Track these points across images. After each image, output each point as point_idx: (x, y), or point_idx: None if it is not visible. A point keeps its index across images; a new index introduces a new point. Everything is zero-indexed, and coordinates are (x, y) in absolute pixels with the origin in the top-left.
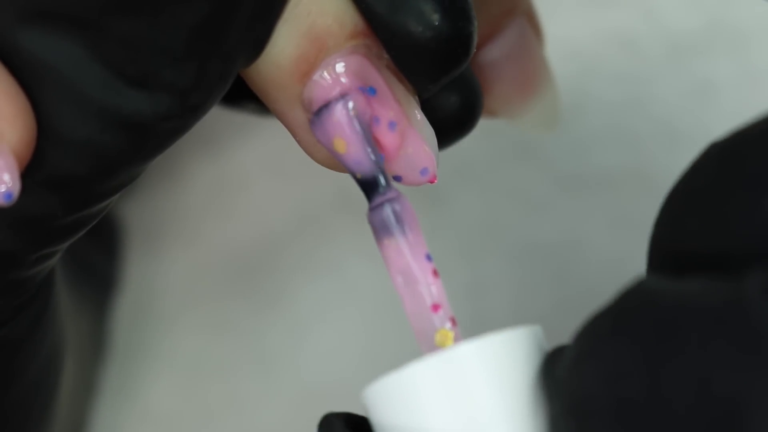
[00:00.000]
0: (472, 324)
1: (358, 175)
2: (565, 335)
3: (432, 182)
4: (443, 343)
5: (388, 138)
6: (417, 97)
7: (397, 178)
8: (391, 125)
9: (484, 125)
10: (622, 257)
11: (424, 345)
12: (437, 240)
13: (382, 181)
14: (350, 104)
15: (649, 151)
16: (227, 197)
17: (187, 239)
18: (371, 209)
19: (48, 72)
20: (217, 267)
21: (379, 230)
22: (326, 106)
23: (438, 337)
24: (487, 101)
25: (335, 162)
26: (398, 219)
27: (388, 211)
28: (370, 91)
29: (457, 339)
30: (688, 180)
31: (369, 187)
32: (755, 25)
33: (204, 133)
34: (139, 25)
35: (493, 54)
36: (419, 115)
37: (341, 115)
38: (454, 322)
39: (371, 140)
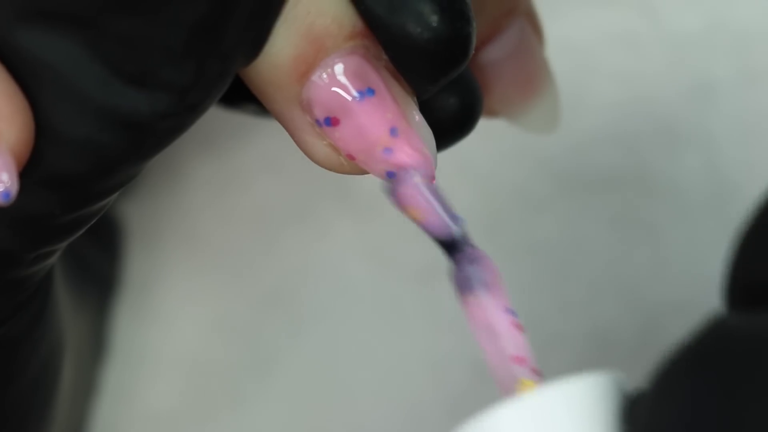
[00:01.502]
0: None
1: (438, 238)
2: (565, 335)
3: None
4: (525, 390)
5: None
6: (416, 99)
7: (391, 174)
8: (393, 131)
9: (483, 125)
10: (622, 257)
11: (507, 395)
12: None
13: (464, 242)
14: (417, 176)
15: (649, 151)
16: (227, 196)
17: (186, 238)
18: (454, 269)
19: (46, 71)
20: (216, 266)
21: (462, 289)
22: (395, 176)
23: (520, 386)
24: (487, 102)
25: (333, 163)
26: (480, 278)
27: (470, 271)
28: (368, 92)
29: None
30: (765, 213)
31: (450, 248)
32: (755, 25)
33: (204, 133)
34: (138, 23)
35: (494, 54)
36: (417, 117)
37: (411, 187)
38: (538, 374)
39: (447, 204)
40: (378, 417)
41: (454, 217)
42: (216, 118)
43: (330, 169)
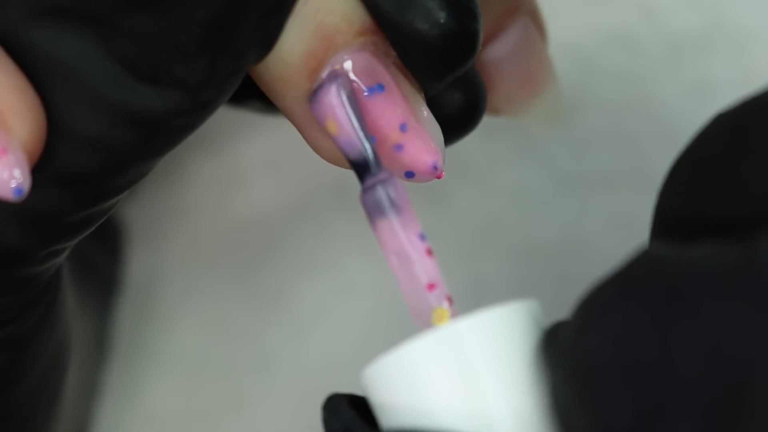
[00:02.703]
0: None
1: (350, 157)
2: None
3: (439, 177)
4: (440, 321)
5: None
6: (423, 95)
7: (409, 174)
8: (403, 127)
9: (484, 125)
10: (622, 257)
11: (421, 324)
12: (437, 240)
13: (373, 162)
14: (341, 86)
15: (649, 151)
16: (228, 196)
17: (187, 238)
18: (363, 191)
19: (59, 68)
20: (217, 266)
21: (372, 212)
22: (320, 87)
23: (435, 316)
24: (490, 99)
25: (341, 159)
26: (390, 200)
27: (380, 192)
28: (378, 88)
29: (454, 317)
30: (695, 148)
31: (360, 168)
32: (755, 25)
33: (205, 132)
34: (152, 21)
35: (497, 52)
36: (426, 112)
37: (332, 96)
38: (450, 300)
39: (363, 122)
40: None
41: (366, 137)
42: (216, 117)
43: (338, 165)
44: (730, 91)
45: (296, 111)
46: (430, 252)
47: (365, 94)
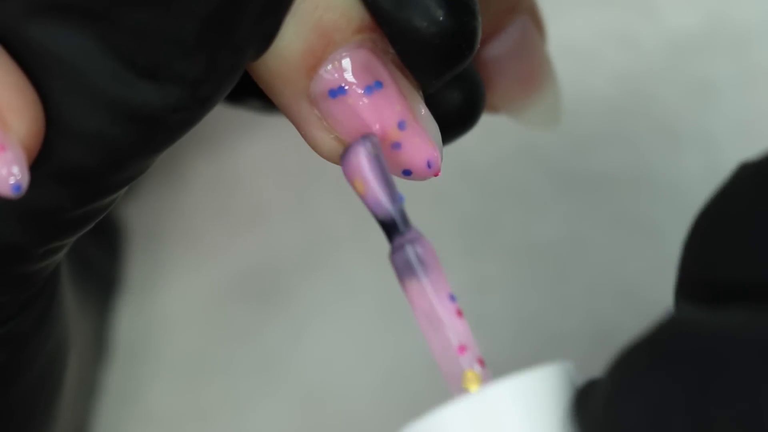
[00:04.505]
0: (471, 324)
1: (378, 217)
2: (564, 335)
3: (436, 175)
4: (471, 385)
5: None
6: (421, 93)
7: (406, 172)
8: (401, 125)
9: (484, 125)
10: (622, 257)
11: (453, 386)
12: (437, 240)
13: (402, 222)
14: (370, 147)
15: (649, 151)
16: (227, 198)
17: (187, 239)
18: (393, 251)
19: (58, 64)
20: (217, 268)
21: (402, 272)
22: (349, 148)
23: (466, 379)
24: (489, 97)
25: (339, 157)
26: (420, 260)
27: (409, 252)
28: (376, 86)
29: (486, 379)
30: (720, 204)
31: (389, 228)
32: (756, 25)
33: (205, 133)
34: (151, 15)
35: (496, 50)
36: (424, 110)
37: (361, 157)
38: (482, 362)
39: (391, 183)
40: (378, 417)
41: (394, 197)
42: (216, 118)
43: (337, 163)
44: (730, 91)
45: (294, 108)
46: (460, 313)
47: (363, 92)
